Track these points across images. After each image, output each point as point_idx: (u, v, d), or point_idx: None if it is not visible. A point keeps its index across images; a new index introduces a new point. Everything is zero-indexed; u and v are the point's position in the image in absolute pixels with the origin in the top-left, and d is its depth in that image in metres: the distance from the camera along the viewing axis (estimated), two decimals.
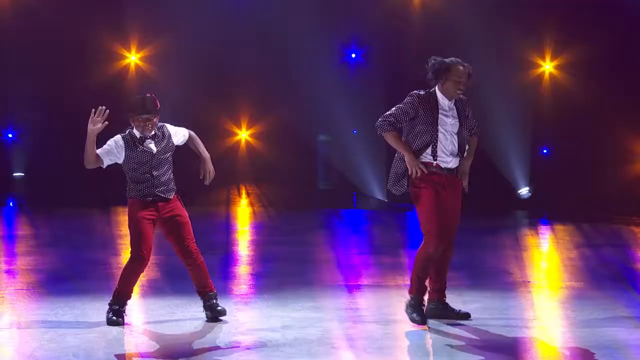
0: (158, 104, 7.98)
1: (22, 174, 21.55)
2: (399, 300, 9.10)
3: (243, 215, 17.35)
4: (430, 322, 8.04)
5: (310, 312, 8.49)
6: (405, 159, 7.94)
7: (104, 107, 7.88)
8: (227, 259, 11.84)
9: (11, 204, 19.19)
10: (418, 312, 7.92)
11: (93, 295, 9.13)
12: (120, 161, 7.93)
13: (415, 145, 7.92)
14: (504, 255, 12.29)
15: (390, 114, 7.95)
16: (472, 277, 10.13)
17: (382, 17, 20.27)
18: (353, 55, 20.75)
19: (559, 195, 18.29)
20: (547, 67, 20.01)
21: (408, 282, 8.13)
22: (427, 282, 8.02)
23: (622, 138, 19.00)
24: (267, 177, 21.55)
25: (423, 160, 7.91)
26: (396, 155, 8.07)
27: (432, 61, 8.14)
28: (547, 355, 7.29)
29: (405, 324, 8.03)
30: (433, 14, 20.01)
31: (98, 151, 7.85)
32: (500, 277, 10.37)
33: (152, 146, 7.91)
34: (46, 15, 20.44)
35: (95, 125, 7.79)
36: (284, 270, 10.85)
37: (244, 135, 21.90)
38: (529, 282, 10.03)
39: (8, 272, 10.71)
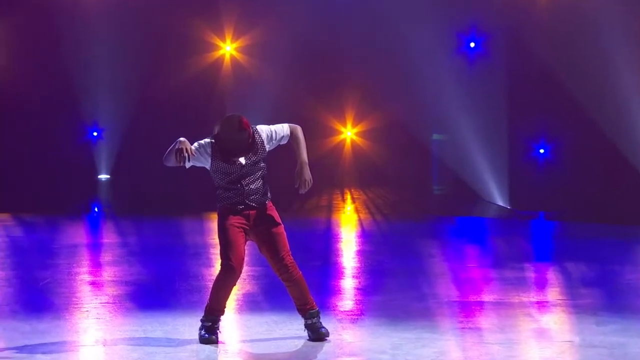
0: (245, 125, 7.79)
1: (108, 176, 21.97)
2: (524, 319, 8.98)
3: (348, 222, 17.36)
4: (563, 344, 7.90)
5: (424, 331, 8.44)
6: None
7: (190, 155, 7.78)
8: (330, 272, 11.85)
9: (96, 210, 19.59)
10: None
11: (184, 310, 9.24)
12: (206, 165, 7.95)
13: None
14: None
15: None
16: (609, 295, 9.94)
17: (503, 0, 20.05)
18: (472, 45, 20.59)
19: None
20: None
21: (534, 299, 8.00)
22: None
23: None
24: (375, 181, 21.52)
25: None
26: None
27: None
28: None
29: (531, 347, 7.91)
30: None
31: None
32: None
33: (242, 159, 7.90)
34: (134, 4, 20.81)
35: (184, 153, 7.75)
36: (394, 285, 10.81)
37: (349, 133, 21.93)
38: None
39: (93, 283, 10.92)
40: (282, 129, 8.06)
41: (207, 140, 7.91)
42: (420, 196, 20.73)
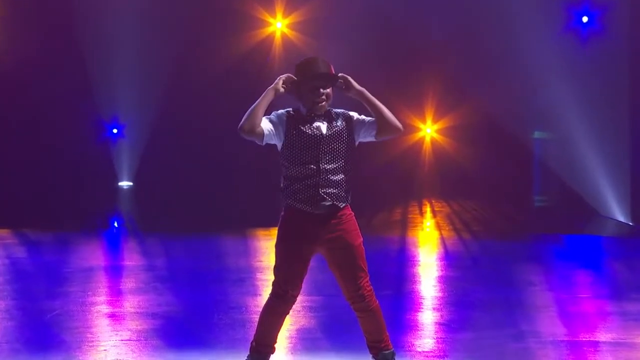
0: (333, 71, 7.97)
1: (130, 184, 22.13)
2: None
3: (427, 242, 17.35)
4: None
5: None
6: None
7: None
8: (405, 303, 11.85)
9: (116, 225, 19.74)
10: None
11: (224, 348, 9.29)
12: (280, 141, 7.92)
13: None
14: None
15: None
16: None
17: None
18: (585, 20, 20.50)
19: None
20: None
21: None
22: None
23: None
24: (461, 189, 21.48)
25: None
26: None
27: None
28: None
29: None
30: None
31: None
32: None
33: (323, 127, 7.90)
34: None
35: (280, 86, 7.90)
36: (484, 320, 10.80)
37: (429, 131, 21.92)
38: None
39: (112, 316, 11.00)
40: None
41: (282, 110, 8.01)
42: (518, 209, 20.67)
